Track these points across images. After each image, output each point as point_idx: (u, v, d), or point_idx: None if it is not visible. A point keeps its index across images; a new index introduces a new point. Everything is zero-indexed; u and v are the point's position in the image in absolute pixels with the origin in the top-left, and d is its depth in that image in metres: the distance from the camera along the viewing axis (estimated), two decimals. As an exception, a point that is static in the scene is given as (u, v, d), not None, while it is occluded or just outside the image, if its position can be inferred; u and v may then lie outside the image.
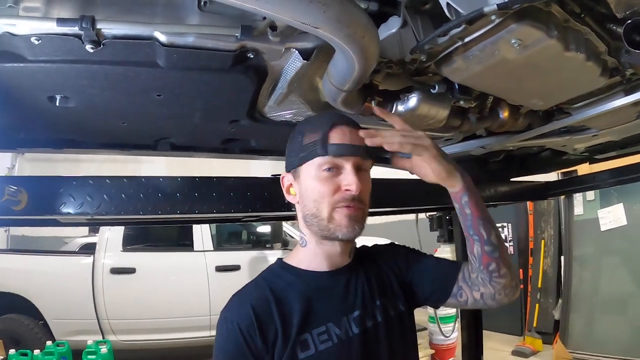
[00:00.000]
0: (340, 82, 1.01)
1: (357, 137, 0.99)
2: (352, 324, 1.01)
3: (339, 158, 0.97)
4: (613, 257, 4.52)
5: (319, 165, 0.98)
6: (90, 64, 1.01)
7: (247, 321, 0.95)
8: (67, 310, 4.62)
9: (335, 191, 0.98)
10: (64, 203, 1.20)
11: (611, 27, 0.98)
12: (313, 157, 0.98)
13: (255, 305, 0.97)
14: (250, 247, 5.51)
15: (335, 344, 0.98)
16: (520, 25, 0.83)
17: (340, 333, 0.99)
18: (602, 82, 1.14)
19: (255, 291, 1.03)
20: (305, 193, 1.01)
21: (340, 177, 0.98)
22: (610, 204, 4.49)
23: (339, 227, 0.98)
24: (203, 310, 4.82)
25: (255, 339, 0.94)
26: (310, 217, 1.01)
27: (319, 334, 0.98)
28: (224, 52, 0.97)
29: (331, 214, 0.98)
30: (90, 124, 1.42)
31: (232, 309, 1.00)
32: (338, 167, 0.98)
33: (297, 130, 1.04)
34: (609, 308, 4.46)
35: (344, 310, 1.02)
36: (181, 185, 1.32)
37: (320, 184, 0.98)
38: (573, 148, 2.10)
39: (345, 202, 0.97)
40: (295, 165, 1.03)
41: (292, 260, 1.09)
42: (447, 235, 3.27)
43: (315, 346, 0.96)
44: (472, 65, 0.98)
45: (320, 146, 0.97)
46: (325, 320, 0.99)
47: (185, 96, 1.18)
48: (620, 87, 1.28)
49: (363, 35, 0.79)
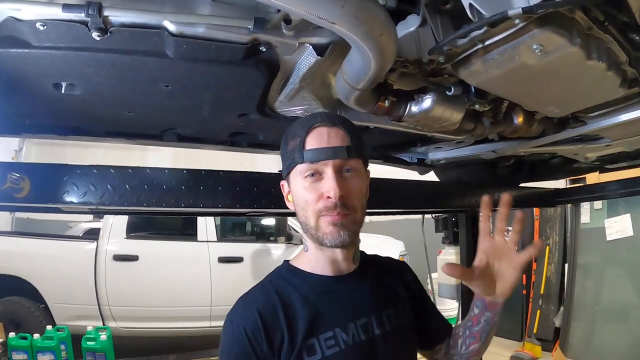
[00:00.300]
0: (354, 80, 0.98)
1: (339, 136, 0.95)
2: (359, 330, 1.00)
3: (317, 164, 0.94)
4: (617, 267, 4.48)
5: (300, 173, 0.96)
6: (96, 52, 0.99)
7: (253, 325, 0.94)
8: (68, 294, 4.65)
9: (319, 198, 0.95)
10: (66, 192, 1.18)
11: (634, 37, 0.95)
12: (294, 165, 0.96)
13: (261, 309, 0.96)
14: (254, 239, 5.50)
15: (342, 349, 0.96)
16: (543, 30, 0.80)
17: (347, 339, 0.97)
18: (621, 93, 1.11)
19: (261, 295, 1.01)
20: (295, 201, 1.01)
21: (322, 183, 0.95)
22: (617, 214, 4.44)
23: (325, 235, 0.96)
24: (204, 301, 4.83)
25: (261, 342, 0.93)
26: (303, 225, 1.00)
27: (326, 339, 0.96)
28: (236, 45, 0.94)
29: (317, 222, 0.96)
30: (96, 112, 1.41)
31: (238, 312, 0.99)
32: (319, 172, 0.95)
33: (283, 136, 1.02)
34: (610, 318, 4.42)
35: (351, 316, 1.01)
36: (187, 177, 1.30)
37: (305, 192, 0.96)
38: (585, 157, 2.07)
39: (327, 210, 0.94)
40: (285, 174, 1.02)
41: (298, 263, 1.07)
42: (452, 237, 3.24)
43: (322, 351, 0.95)
44: (490, 69, 0.95)
45: (298, 153, 0.94)
46: (333, 326, 0.98)
47: (193, 88, 1.16)
48: (638, 99, 1.25)
49: (381, 32, 0.77)
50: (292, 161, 0.96)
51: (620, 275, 4.43)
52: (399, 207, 1.85)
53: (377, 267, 1.14)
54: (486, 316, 1.08)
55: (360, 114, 1.24)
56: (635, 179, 2.20)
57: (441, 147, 1.92)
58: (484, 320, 1.09)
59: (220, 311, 4.75)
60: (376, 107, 1.12)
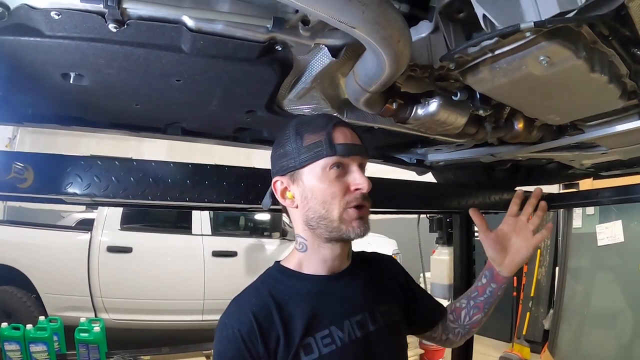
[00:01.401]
0: (366, 82, 0.99)
1: (356, 137, 1.02)
2: (354, 327, 1.02)
3: (346, 158, 0.98)
4: (607, 272, 4.52)
5: (325, 166, 0.97)
6: (110, 44, 0.97)
7: (248, 327, 0.94)
8: (61, 285, 4.64)
9: (345, 191, 0.98)
10: (70, 183, 1.18)
11: (635, 52, 0.99)
12: (318, 158, 0.97)
13: (255, 311, 0.96)
14: (248, 234, 5.51)
15: (338, 347, 0.98)
16: (551, 43, 0.83)
17: (343, 336, 0.99)
18: (620, 104, 1.15)
19: (255, 297, 1.01)
20: (310, 195, 1.00)
21: (348, 176, 0.99)
22: (609, 219, 4.49)
23: (351, 228, 0.99)
24: (197, 294, 4.84)
25: (257, 345, 0.94)
26: (317, 220, 1.00)
27: (323, 337, 0.98)
28: (252, 43, 0.95)
29: (342, 215, 0.98)
30: (101, 104, 1.40)
31: (232, 315, 0.99)
32: (344, 166, 0.99)
33: (293, 132, 1.01)
34: (598, 323, 4.47)
35: (346, 313, 1.03)
36: (192, 172, 1.30)
37: (329, 185, 0.97)
38: (580, 163, 2.10)
39: (357, 201, 0.98)
40: (294, 168, 1.00)
41: (290, 264, 1.08)
42: (445, 238, 3.28)
43: (319, 350, 0.96)
44: (497, 77, 0.98)
45: (327, 146, 0.96)
46: (328, 324, 1.00)
47: (205, 83, 1.16)
48: (635, 110, 1.29)
49: (399, 39, 0.78)
50: (315, 154, 0.97)
51: (609, 280, 4.48)
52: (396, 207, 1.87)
53: (367, 263, 1.17)
54: (491, 287, 1.23)
55: (366, 114, 1.25)
56: (628, 187, 2.23)
57: (441, 149, 1.94)
58: (489, 292, 1.24)
59: (213, 305, 4.78)
60: (384, 109, 1.14)
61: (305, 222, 1.02)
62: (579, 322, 4.63)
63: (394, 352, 1.10)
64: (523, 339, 5.25)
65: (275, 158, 1.05)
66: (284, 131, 1.04)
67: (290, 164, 1.00)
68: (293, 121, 1.04)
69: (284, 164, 1.02)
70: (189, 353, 3.55)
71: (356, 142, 1.00)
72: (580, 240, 4.78)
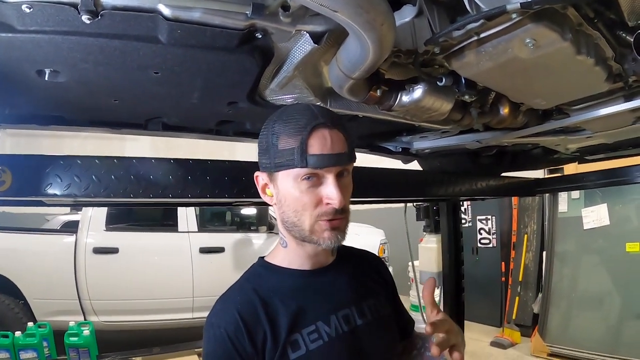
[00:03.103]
0: (350, 69, 0.97)
1: (340, 140, 0.91)
2: (341, 321, 1.00)
3: (319, 170, 0.90)
4: (593, 255, 4.60)
5: (297, 176, 0.90)
6: (85, 36, 0.93)
7: (234, 326, 0.92)
8: (48, 290, 4.56)
9: (317, 204, 0.92)
10: (50, 184, 1.13)
11: (620, 34, 0.98)
12: (290, 167, 0.90)
13: (241, 310, 0.94)
14: (234, 229, 5.47)
15: (325, 342, 0.96)
16: (537, 25, 0.82)
17: (330, 331, 0.98)
18: (606, 87, 1.15)
19: (239, 295, 0.99)
20: (284, 201, 0.95)
21: (321, 188, 0.92)
22: (594, 203, 4.55)
23: (322, 239, 0.94)
24: (186, 292, 4.81)
25: (244, 343, 0.92)
26: (290, 224, 0.96)
27: (309, 333, 0.96)
28: (231, 31, 0.91)
29: (313, 227, 0.93)
30: (79, 101, 1.36)
31: (218, 314, 0.97)
32: (319, 177, 0.91)
33: (271, 128, 0.93)
34: (585, 305, 4.55)
35: (332, 308, 1.01)
36: (174, 167, 1.27)
37: (301, 195, 0.92)
38: (566, 147, 2.12)
39: (328, 215, 0.92)
40: (270, 170, 0.95)
41: (274, 259, 1.06)
42: (433, 226, 3.29)
43: (306, 345, 0.94)
44: (483, 61, 0.97)
45: (299, 156, 0.88)
46: (315, 319, 0.98)
47: (184, 75, 1.13)
48: (621, 93, 1.30)
49: (382, 22, 0.76)
50: (288, 162, 0.90)
51: (596, 263, 4.56)
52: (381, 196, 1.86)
53: (353, 258, 1.15)
54: None
55: (350, 103, 1.24)
56: (613, 170, 2.26)
57: (426, 136, 1.94)
58: None
59: (202, 302, 4.75)
60: (368, 96, 1.12)
61: (282, 223, 1.00)
62: (568, 305, 4.70)
63: (384, 346, 1.07)
64: (513, 323, 5.31)
65: (258, 151, 0.98)
66: (266, 123, 0.97)
67: (266, 164, 0.95)
68: (275, 113, 0.97)
69: (263, 162, 0.97)
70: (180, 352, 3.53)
71: (336, 151, 0.90)
72: (566, 225, 4.84)
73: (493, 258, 5.77)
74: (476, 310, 5.55)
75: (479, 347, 5.11)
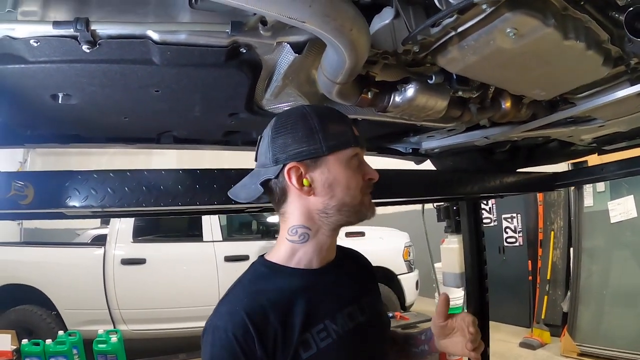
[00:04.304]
0: (332, 74, 1.00)
1: None
2: (346, 319, 1.02)
3: (362, 149, 1.04)
4: (623, 249, 4.47)
5: (351, 155, 1.00)
6: (87, 63, 1.05)
7: (243, 330, 0.90)
8: (78, 300, 4.71)
9: (362, 179, 1.03)
10: (69, 197, 1.21)
11: (613, 15, 0.95)
12: (346, 146, 0.99)
13: (249, 312, 0.92)
14: (259, 237, 5.53)
15: (334, 339, 0.97)
16: (515, 14, 0.81)
17: (337, 328, 0.99)
18: (605, 72, 1.11)
19: (246, 296, 0.97)
20: (335, 184, 0.99)
21: (361, 167, 1.04)
22: (620, 195, 4.43)
23: (370, 209, 1.05)
24: (212, 300, 4.75)
25: (253, 347, 0.89)
26: (339, 207, 1.00)
27: (319, 332, 0.96)
28: (216, 48, 0.99)
29: (362, 199, 1.03)
30: (93, 120, 1.46)
31: (223, 317, 0.94)
32: (359, 157, 1.03)
33: (311, 118, 0.98)
34: (617, 301, 4.42)
35: (337, 306, 1.03)
36: (182, 177, 1.33)
37: (354, 173, 1.01)
38: (580, 139, 2.07)
39: (370, 188, 1.06)
40: (319, 154, 0.97)
41: (277, 258, 1.05)
42: (454, 226, 3.26)
43: (317, 344, 0.95)
44: (467, 56, 0.97)
45: (353, 137, 1.01)
46: (323, 318, 0.98)
47: (182, 91, 1.20)
48: (625, 77, 1.25)
49: (351, 27, 0.79)
50: (343, 143, 1.00)
51: (626, 257, 4.43)
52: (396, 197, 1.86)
53: (347, 256, 1.17)
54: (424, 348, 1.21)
55: (347, 106, 1.26)
56: (633, 159, 2.19)
57: (433, 135, 1.93)
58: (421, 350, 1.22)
59: (228, 310, 4.79)
60: (360, 99, 1.14)
61: (318, 211, 1.00)
62: (598, 303, 4.57)
63: (383, 340, 1.12)
64: (542, 323, 5.19)
65: (286, 143, 0.98)
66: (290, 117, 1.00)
67: (313, 149, 0.97)
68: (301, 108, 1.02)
69: (304, 149, 0.97)
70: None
71: None
72: (592, 219, 4.72)
73: (520, 257, 5.67)
74: (504, 310, 5.46)
75: (508, 348, 5.01)
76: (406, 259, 5.77)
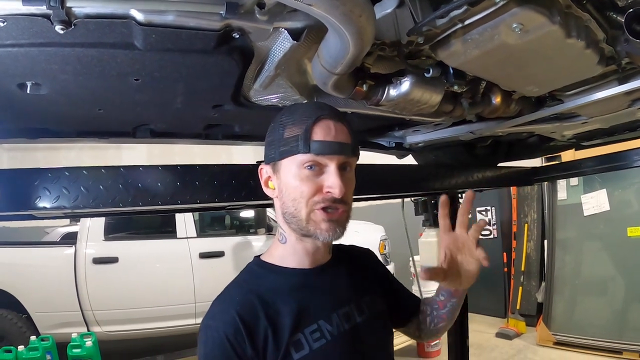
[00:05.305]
0: (332, 64, 0.95)
1: (344, 132, 0.94)
2: (342, 319, 1.00)
3: (322, 156, 0.91)
4: (595, 241, 4.59)
5: (300, 163, 0.92)
6: (61, 47, 0.93)
7: (234, 328, 0.90)
8: (50, 302, 4.52)
9: (316, 192, 0.93)
10: (39, 197, 1.11)
11: (611, 15, 0.96)
12: (294, 153, 0.92)
13: (240, 311, 0.92)
14: (234, 232, 5.43)
15: (328, 340, 0.96)
16: (524, 9, 0.80)
17: (332, 329, 0.97)
18: (598, 70, 1.12)
19: (238, 295, 0.97)
20: (284, 190, 0.96)
21: (323, 176, 0.93)
22: (593, 189, 4.54)
23: (319, 230, 0.94)
24: (188, 298, 4.77)
25: (244, 346, 0.89)
26: (289, 216, 0.97)
27: (311, 332, 0.95)
28: (207, 32, 0.89)
29: (309, 216, 0.94)
30: (64, 112, 1.34)
31: (216, 316, 0.94)
32: (321, 165, 0.93)
33: (279, 120, 0.97)
34: (590, 291, 4.55)
35: (332, 306, 1.01)
36: (162, 174, 1.25)
37: (301, 183, 0.93)
38: (562, 134, 2.09)
39: (324, 203, 0.93)
40: (274, 159, 0.97)
41: (271, 258, 1.05)
42: (432, 220, 3.26)
43: (310, 345, 0.94)
44: (470, 50, 0.94)
45: (303, 142, 0.90)
46: (316, 318, 0.97)
47: (165, 80, 1.11)
48: (614, 76, 1.27)
49: (360, 14, 0.73)
50: (292, 149, 0.92)
51: (598, 249, 4.55)
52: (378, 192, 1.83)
53: (347, 256, 1.15)
54: (452, 302, 1.18)
55: (338, 99, 1.21)
56: (610, 155, 2.23)
57: (419, 130, 1.91)
58: (450, 305, 1.18)
59: (204, 308, 4.61)
60: (354, 91, 1.09)
61: (282, 215, 1.00)
62: (571, 292, 4.69)
63: (381, 341, 1.10)
64: (517, 313, 5.31)
65: (265, 145, 1.01)
66: (276, 117, 1.00)
67: (271, 154, 0.97)
68: (283, 109, 1.00)
69: (268, 153, 0.99)
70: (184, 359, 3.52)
71: (340, 140, 0.93)
72: (566, 212, 4.83)
73: (494, 249, 5.74)
74: (480, 302, 5.55)
75: (485, 339, 5.10)
76: (382, 253, 5.75)
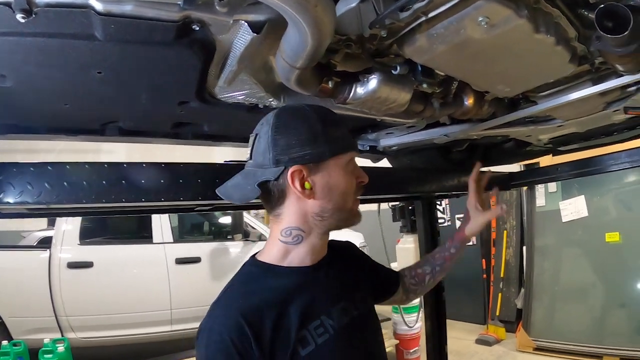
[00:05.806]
0: (292, 58, 0.93)
1: None
2: (341, 313, 1.03)
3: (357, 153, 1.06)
4: (574, 247, 4.64)
5: (348, 160, 1.02)
6: (23, 36, 0.90)
7: (239, 332, 0.89)
8: (24, 307, 4.43)
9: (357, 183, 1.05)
10: (3, 192, 1.08)
11: (582, 13, 0.96)
12: (347, 150, 1.01)
13: (245, 314, 0.91)
14: (210, 238, 5.43)
15: (331, 335, 0.98)
16: (489, 1, 0.79)
17: (333, 323, 1.00)
18: (571, 69, 1.12)
19: (240, 298, 0.96)
20: (334, 188, 1.00)
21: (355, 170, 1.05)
22: (571, 195, 4.59)
23: (357, 216, 1.06)
24: (163, 305, 4.71)
25: (250, 349, 0.88)
26: (333, 210, 1.01)
27: (316, 327, 0.97)
28: (166, 23, 0.87)
29: (353, 205, 1.05)
30: (31, 106, 1.31)
31: (219, 320, 0.93)
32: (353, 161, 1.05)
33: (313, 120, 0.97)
34: (569, 297, 4.59)
35: (331, 301, 1.04)
36: (127, 171, 1.22)
37: (350, 178, 1.02)
38: (537, 139, 2.10)
39: (360, 191, 1.07)
40: (323, 158, 0.98)
41: (269, 258, 1.04)
42: (409, 226, 3.27)
43: (315, 341, 0.96)
44: (435, 45, 0.93)
45: (353, 141, 1.04)
46: (319, 314, 0.99)
47: (127, 73, 1.08)
48: (588, 77, 1.27)
49: (315, 3, 0.72)
50: (345, 147, 1.01)
51: (577, 255, 4.60)
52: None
53: (337, 251, 1.16)
54: (460, 254, 1.49)
55: (305, 97, 1.19)
56: (586, 160, 2.24)
57: (393, 132, 1.90)
58: (457, 258, 1.49)
59: (180, 314, 4.68)
60: (320, 88, 1.08)
61: (314, 214, 1.01)
62: (551, 298, 4.73)
63: (375, 333, 1.14)
64: (497, 319, 5.33)
65: (289, 145, 0.96)
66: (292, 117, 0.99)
67: (317, 152, 0.97)
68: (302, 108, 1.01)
69: (307, 153, 0.96)
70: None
71: None
72: (545, 218, 4.88)
73: (474, 255, 5.77)
74: (459, 308, 5.57)
75: (464, 345, 5.11)
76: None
